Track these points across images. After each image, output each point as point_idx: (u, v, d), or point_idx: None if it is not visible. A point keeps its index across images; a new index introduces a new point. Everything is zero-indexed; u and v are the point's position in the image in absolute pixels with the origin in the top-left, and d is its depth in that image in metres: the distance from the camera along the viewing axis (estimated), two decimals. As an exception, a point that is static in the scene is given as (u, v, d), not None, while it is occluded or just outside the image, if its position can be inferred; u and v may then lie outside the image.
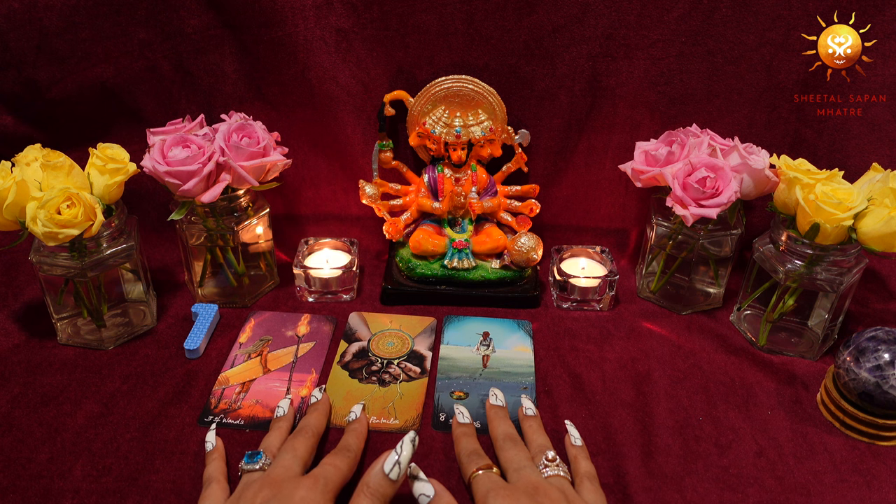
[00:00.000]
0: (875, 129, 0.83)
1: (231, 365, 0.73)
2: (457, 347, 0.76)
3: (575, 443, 0.61)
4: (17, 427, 0.64)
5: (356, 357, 0.74)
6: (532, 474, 0.54)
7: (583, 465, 0.58)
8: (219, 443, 0.61)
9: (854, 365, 0.64)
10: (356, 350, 0.75)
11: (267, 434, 0.61)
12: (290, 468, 0.54)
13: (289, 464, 0.55)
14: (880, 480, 0.61)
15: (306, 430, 0.60)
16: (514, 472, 0.55)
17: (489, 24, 0.79)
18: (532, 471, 0.55)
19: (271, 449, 0.58)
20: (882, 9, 0.77)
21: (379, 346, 0.76)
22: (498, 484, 0.53)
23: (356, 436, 0.61)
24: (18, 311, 0.80)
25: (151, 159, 0.71)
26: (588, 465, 0.58)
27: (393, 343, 0.77)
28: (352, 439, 0.60)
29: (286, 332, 0.78)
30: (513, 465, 0.56)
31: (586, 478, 0.57)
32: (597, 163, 0.89)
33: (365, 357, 0.75)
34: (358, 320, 0.80)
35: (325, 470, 0.54)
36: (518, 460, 0.56)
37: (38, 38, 0.79)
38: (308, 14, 0.78)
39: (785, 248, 0.73)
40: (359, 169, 0.89)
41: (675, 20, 0.78)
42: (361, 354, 0.75)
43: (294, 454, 0.56)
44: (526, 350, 0.76)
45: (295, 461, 0.55)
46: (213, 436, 0.61)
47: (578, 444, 0.61)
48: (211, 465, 0.58)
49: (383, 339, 0.77)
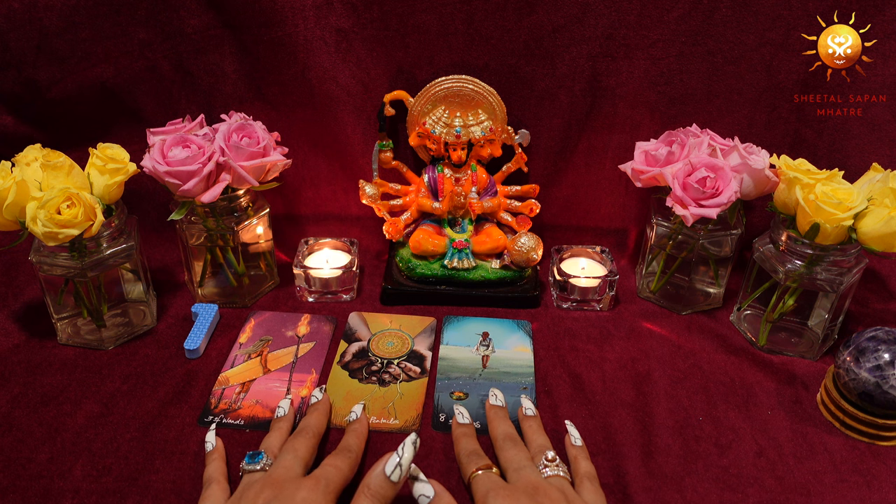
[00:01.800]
0: (875, 129, 0.83)
1: (231, 365, 0.73)
2: (456, 348, 0.76)
3: (575, 443, 0.61)
4: (17, 427, 0.64)
5: (356, 357, 0.74)
6: (532, 474, 0.55)
7: (583, 465, 0.58)
8: (219, 443, 0.61)
9: (854, 365, 0.64)
10: (356, 350, 0.75)
11: (267, 434, 0.61)
12: (292, 469, 0.54)
13: (290, 464, 0.55)
14: (880, 480, 0.61)
15: (307, 430, 0.60)
16: (514, 472, 0.55)
17: (489, 24, 0.79)
18: (532, 471, 0.55)
19: (272, 449, 0.58)
20: (882, 9, 0.77)
21: (379, 346, 0.76)
22: (498, 484, 0.53)
23: (357, 436, 0.61)
24: (18, 311, 0.80)
25: (151, 159, 0.71)
26: (588, 465, 0.58)
27: (393, 343, 0.77)
28: (352, 440, 0.60)
29: (286, 333, 0.78)
30: (513, 465, 0.56)
31: (586, 478, 0.57)
32: (597, 163, 0.89)
33: (365, 357, 0.75)
34: (358, 320, 0.80)
35: (326, 471, 0.54)
36: (518, 460, 0.56)
37: (38, 38, 0.79)
38: (308, 14, 0.78)
39: (785, 248, 0.73)
40: (359, 169, 0.89)
41: (675, 20, 0.78)
42: (361, 354, 0.75)
43: (295, 455, 0.56)
44: (525, 350, 0.76)
45: (296, 462, 0.55)
46: (213, 436, 0.61)
47: (578, 444, 0.61)
48: (211, 465, 0.58)
49: (383, 339, 0.77)
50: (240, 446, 0.63)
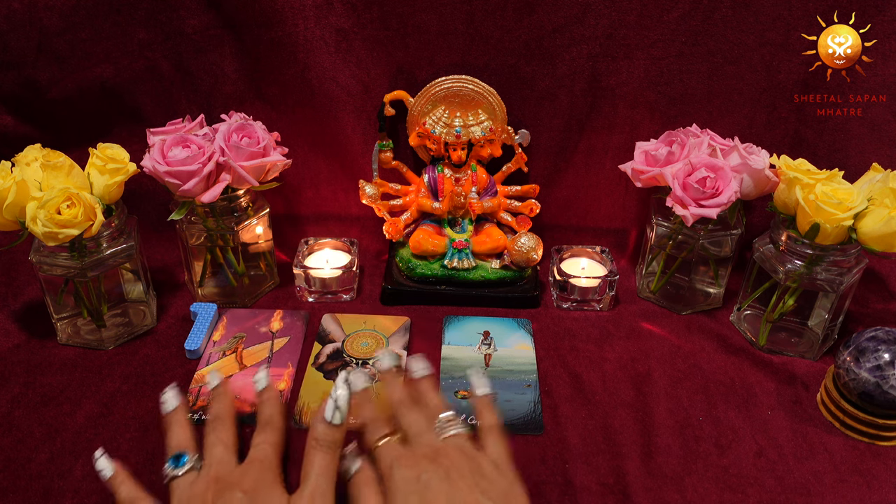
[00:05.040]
0: (875, 129, 0.82)
1: (206, 363, 0.73)
2: (458, 347, 0.76)
3: (477, 392, 0.60)
4: (17, 427, 0.64)
5: (330, 358, 0.75)
6: (431, 438, 0.54)
7: (486, 417, 0.57)
8: (116, 465, 0.55)
9: (854, 365, 0.64)
10: (330, 351, 0.76)
11: (169, 432, 0.57)
12: (226, 460, 0.53)
13: (222, 456, 0.54)
14: (880, 480, 0.61)
15: (222, 417, 0.58)
16: (415, 438, 0.54)
17: (489, 24, 0.79)
18: (430, 434, 0.54)
19: (185, 445, 0.55)
20: (882, 9, 0.77)
21: (353, 347, 0.76)
22: (400, 453, 0.53)
23: (272, 404, 0.60)
24: (18, 311, 0.80)
25: (151, 159, 0.71)
26: (490, 415, 0.57)
27: (367, 343, 0.77)
28: (270, 409, 0.59)
29: (259, 329, 0.79)
30: (412, 431, 0.55)
31: (489, 429, 0.56)
32: (597, 163, 0.88)
33: (339, 358, 0.75)
34: (331, 321, 0.80)
35: (260, 450, 0.54)
36: (417, 425, 0.55)
37: (38, 38, 0.78)
38: (308, 14, 0.78)
39: (785, 248, 0.73)
40: (359, 169, 0.89)
41: (675, 20, 0.78)
42: (336, 356, 0.75)
43: (224, 446, 0.55)
44: (527, 348, 0.76)
45: (226, 452, 0.54)
46: (106, 461, 0.55)
47: (479, 393, 0.59)
48: (121, 487, 0.54)
49: (357, 340, 0.77)
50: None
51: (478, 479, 0.50)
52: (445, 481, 0.49)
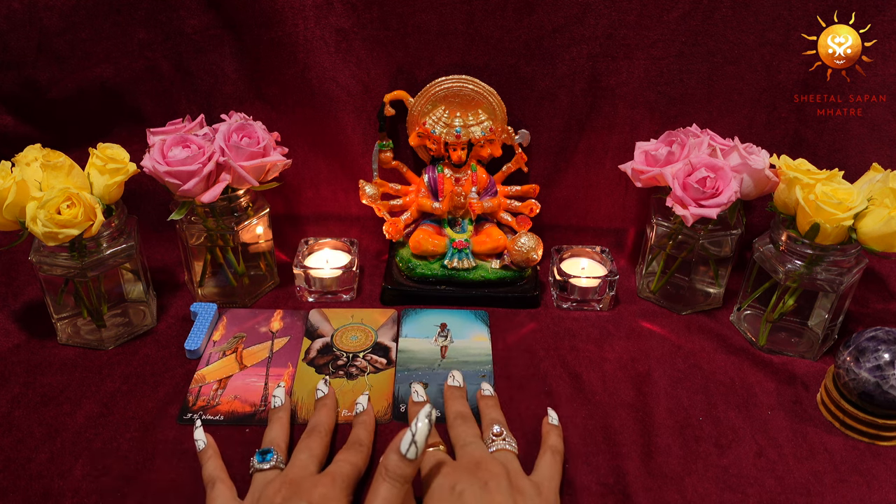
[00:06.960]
0: (875, 129, 0.82)
1: (206, 363, 0.73)
2: (415, 340, 0.77)
3: (551, 422, 0.62)
4: (17, 427, 0.64)
5: (321, 353, 0.75)
6: (476, 450, 0.55)
7: (552, 439, 0.59)
8: (209, 439, 0.60)
9: (854, 365, 0.64)
10: (320, 346, 0.76)
11: (268, 427, 0.61)
12: (307, 467, 0.55)
13: (305, 463, 0.55)
14: (880, 480, 0.61)
15: (318, 428, 0.60)
16: (461, 449, 0.56)
17: (489, 24, 0.79)
18: (477, 447, 0.55)
19: (277, 443, 0.58)
20: (882, 9, 0.77)
21: (343, 341, 0.77)
22: (440, 461, 0.53)
23: (365, 428, 0.61)
24: (18, 311, 0.80)
25: (151, 159, 0.71)
26: (557, 440, 0.59)
27: (357, 336, 0.77)
28: (362, 432, 0.61)
29: (259, 329, 0.79)
30: (459, 442, 0.57)
31: (550, 450, 0.57)
32: (597, 163, 0.89)
33: (329, 353, 0.75)
34: (319, 317, 0.80)
35: (339, 466, 0.55)
36: (465, 437, 0.57)
37: (38, 38, 0.79)
38: (308, 14, 0.78)
39: (785, 248, 0.73)
40: (359, 169, 0.89)
41: (675, 20, 0.78)
42: (326, 350, 0.75)
43: (310, 453, 0.57)
44: (483, 339, 0.77)
45: (311, 460, 0.56)
46: (202, 433, 0.61)
47: (554, 422, 0.62)
48: (209, 463, 0.58)
49: (346, 334, 0.78)
50: (220, 441, 0.62)
51: (515, 495, 0.51)
52: (481, 493, 0.50)
